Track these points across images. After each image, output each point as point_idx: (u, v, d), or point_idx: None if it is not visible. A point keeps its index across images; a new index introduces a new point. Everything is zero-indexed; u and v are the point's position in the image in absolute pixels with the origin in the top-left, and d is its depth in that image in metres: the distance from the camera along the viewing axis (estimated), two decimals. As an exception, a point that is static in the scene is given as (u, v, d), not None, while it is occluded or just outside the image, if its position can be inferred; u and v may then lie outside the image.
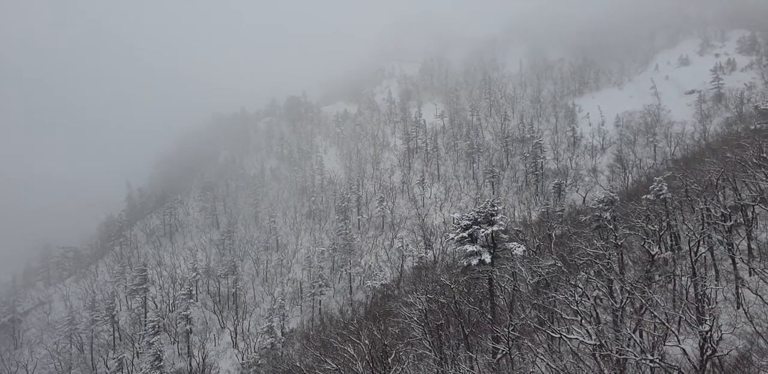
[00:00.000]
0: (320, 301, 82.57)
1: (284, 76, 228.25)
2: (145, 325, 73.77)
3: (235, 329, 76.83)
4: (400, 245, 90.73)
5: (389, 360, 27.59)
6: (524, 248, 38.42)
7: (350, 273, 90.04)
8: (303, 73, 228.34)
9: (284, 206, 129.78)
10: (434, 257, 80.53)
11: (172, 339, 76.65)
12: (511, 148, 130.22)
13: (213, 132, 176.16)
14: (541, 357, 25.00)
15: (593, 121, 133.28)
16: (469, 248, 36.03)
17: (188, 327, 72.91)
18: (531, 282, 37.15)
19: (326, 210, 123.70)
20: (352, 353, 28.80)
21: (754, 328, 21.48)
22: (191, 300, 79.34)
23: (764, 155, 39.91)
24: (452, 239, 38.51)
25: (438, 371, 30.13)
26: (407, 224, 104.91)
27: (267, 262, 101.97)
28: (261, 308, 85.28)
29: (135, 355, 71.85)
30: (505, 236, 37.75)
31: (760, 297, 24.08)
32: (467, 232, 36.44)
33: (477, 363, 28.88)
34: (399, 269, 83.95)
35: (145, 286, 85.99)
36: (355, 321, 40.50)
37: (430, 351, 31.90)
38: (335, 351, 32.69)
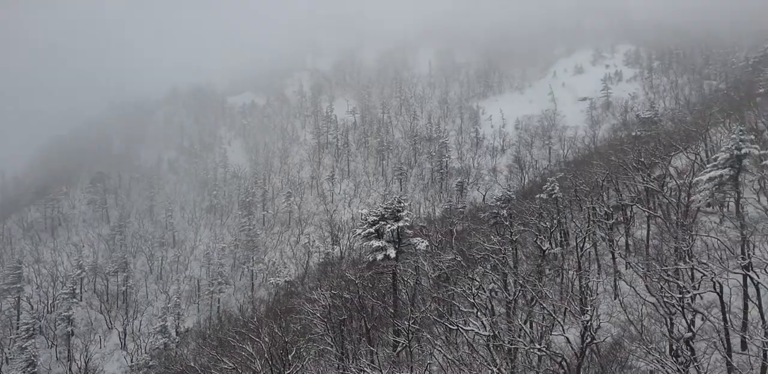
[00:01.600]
0: (219, 299, 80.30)
1: (188, 65, 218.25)
2: (18, 328, 67.92)
3: (125, 329, 72.90)
4: (306, 241, 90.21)
5: (289, 357, 27.43)
6: (427, 243, 39.63)
7: (252, 270, 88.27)
8: (209, 62, 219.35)
9: (183, 200, 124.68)
10: (341, 253, 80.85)
11: (50, 343, 71.18)
12: (419, 146, 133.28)
13: (106, 120, 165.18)
14: (439, 348, 25.96)
15: (495, 123, 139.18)
16: (375, 243, 36.63)
17: (69, 328, 68.27)
18: (432, 275, 38.35)
19: (229, 205, 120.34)
20: (251, 351, 28.30)
21: (627, 317, 23.59)
22: (74, 300, 74.23)
23: (642, 159, 43.75)
24: (359, 234, 38.97)
25: (339, 366, 30.38)
26: (315, 220, 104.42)
27: (162, 259, 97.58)
28: (154, 307, 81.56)
29: (4, 361, 65.85)
30: (410, 232, 38.74)
31: (633, 288, 26.47)
32: (374, 228, 37.02)
33: (377, 357, 29.45)
34: (304, 266, 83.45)
35: (19, 285, 78.84)
36: (255, 319, 39.81)
37: (331, 347, 32.09)
38: (233, 349, 31.99)
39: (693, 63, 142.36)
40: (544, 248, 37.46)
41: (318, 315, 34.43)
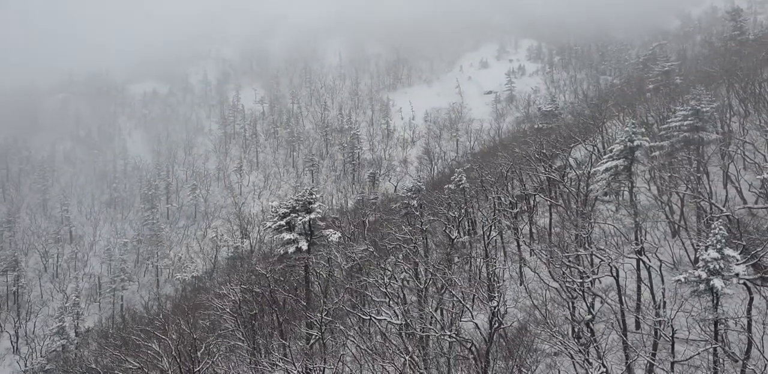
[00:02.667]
0: (122, 297, 75.94)
1: (83, 50, 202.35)
2: None
3: (16, 332, 67.38)
4: (214, 235, 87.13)
5: (198, 353, 26.26)
6: (340, 234, 39.24)
7: (157, 266, 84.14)
8: (107, 48, 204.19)
9: (80, 194, 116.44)
10: (251, 246, 78.76)
11: None
12: (331, 138, 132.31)
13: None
14: (352, 339, 25.79)
15: (405, 115, 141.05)
16: (287, 236, 35.75)
17: (-51, 335, 61.86)
18: (345, 267, 38.13)
19: (130, 198, 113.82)
20: (157, 349, 26.86)
21: (532, 301, 24.56)
22: (-47, 304, 67.39)
23: (544, 151, 45.75)
24: (270, 227, 37.90)
25: (251, 361, 29.51)
26: (223, 213, 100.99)
27: (58, 256, 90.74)
28: (50, 307, 75.86)
29: None
30: (322, 224, 38.15)
31: (538, 274, 27.61)
32: (285, 220, 36.10)
33: (290, 350, 28.85)
34: (212, 261, 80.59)
35: None
36: (162, 316, 37.83)
37: (242, 342, 31.10)
38: (138, 348, 30.29)
39: (590, 59, 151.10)
40: (453, 237, 38.30)
41: (228, 310, 33.24)
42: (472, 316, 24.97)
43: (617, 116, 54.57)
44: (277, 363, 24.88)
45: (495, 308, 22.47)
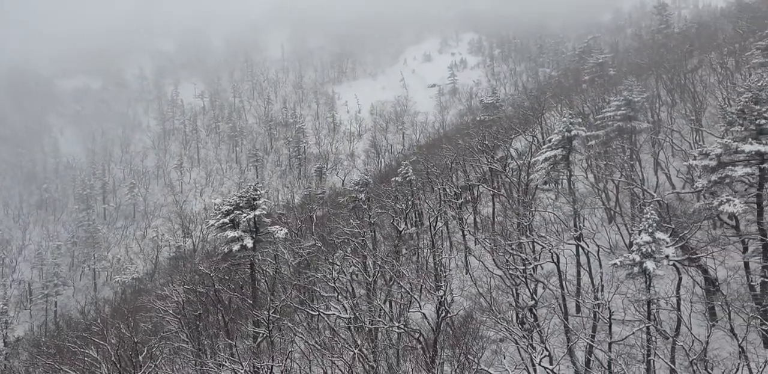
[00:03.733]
0: (56, 302, 72.54)
1: (4, 42, 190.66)
2: None
3: (-63, 346, 62.99)
4: (154, 235, 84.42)
5: (140, 357, 25.38)
6: (286, 230, 38.67)
7: (95, 269, 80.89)
8: (30, 40, 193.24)
9: (6, 196, 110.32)
10: (194, 245, 76.78)
11: None
12: (275, 132, 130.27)
13: None
14: (300, 335, 25.56)
15: (351, 108, 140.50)
16: (231, 234, 34.91)
17: None
18: (293, 263, 37.70)
19: (63, 199, 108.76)
20: (95, 356, 25.75)
21: (478, 290, 24.99)
22: None
23: (486, 142, 46.60)
24: (213, 225, 36.90)
25: (196, 362, 28.79)
26: (163, 212, 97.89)
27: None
28: (-24, 317, 71.40)
29: None
30: (267, 220, 37.46)
31: (482, 262, 28.12)
32: (228, 217, 35.23)
33: (237, 350, 28.33)
34: (154, 261, 78.10)
35: None
36: (99, 321, 36.35)
37: (187, 343, 30.28)
38: (74, 356, 28.96)
39: (529, 52, 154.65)
40: (401, 229, 38.52)
41: (171, 311, 32.27)
42: (420, 306, 25.23)
43: (555, 107, 56.16)
44: (224, 363, 24.35)
45: (442, 297, 22.76)
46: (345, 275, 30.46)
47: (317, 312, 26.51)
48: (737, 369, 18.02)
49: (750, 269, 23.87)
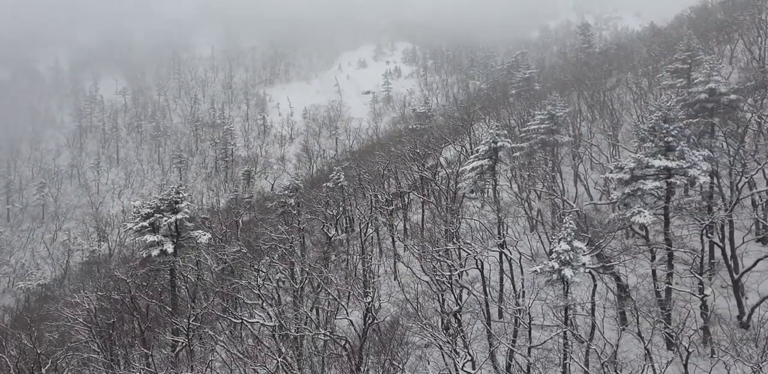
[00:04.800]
0: (-48, 310, 66.62)
1: None
2: None
3: None
4: (66, 238, 79.71)
5: (43, 370, 23.72)
6: (210, 236, 37.55)
7: (-3, 273, 75.08)
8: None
9: None
10: (110, 250, 72.98)
11: None
12: (201, 133, 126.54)
13: None
14: (222, 343, 24.77)
15: (283, 111, 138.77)
16: (150, 238, 33.48)
17: None
18: (216, 269, 36.60)
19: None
20: (-7, 369, 23.87)
21: (405, 296, 25.20)
22: None
23: (418, 150, 47.32)
24: (131, 229, 35.32)
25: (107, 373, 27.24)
26: (77, 214, 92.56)
27: None
28: None
29: None
30: (190, 225, 36.21)
31: (411, 268, 28.41)
32: (148, 221, 33.78)
33: (153, 360, 27.03)
34: (64, 266, 73.55)
35: None
36: (-2, 331, 33.71)
37: (98, 354, 28.59)
38: (-33, 371, 26.65)
39: (461, 64, 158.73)
40: (331, 235, 38.35)
41: (81, 320, 30.40)
42: (347, 313, 25.11)
43: (484, 119, 57.82)
44: (138, 373, 23.20)
45: (369, 304, 22.77)
46: (271, 282, 29.92)
47: (240, 320, 25.79)
48: (643, 370, 19.10)
49: (657, 276, 25.41)
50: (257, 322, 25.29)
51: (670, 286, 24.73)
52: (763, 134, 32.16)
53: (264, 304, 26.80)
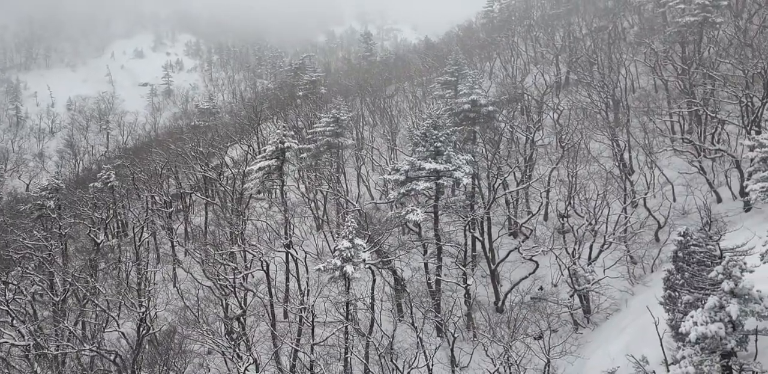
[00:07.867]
0: None
1: None
2: None
3: None
4: None
5: None
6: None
7: None
8: None
9: None
10: None
11: None
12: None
13: None
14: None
15: (42, 101, 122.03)
16: None
17: None
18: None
19: None
20: None
21: (184, 302, 23.91)
22: None
23: (201, 149, 45.24)
24: None
25: None
26: None
27: None
28: None
29: None
30: None
31: (191, 274, 27.06)
32: None
33: None
34: None
35: None
36: None
37: None
38: None
39: (248, 62, 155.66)
40: (99, 241, 34.71)
41: None
42: (119, 325, 23.11)
43: (272, 119, 57.61)
44: None
45: (144, 313, 21.21)
46: (25, 295, 26.20)
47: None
48: (416, 357, 20.94)
49: (428, 269, 28.06)
50: (5, 342, 21.92)
51: (439, 278, 27.50)
52: (514, 142, 37.57)
53: (14, 321, 23.23)
